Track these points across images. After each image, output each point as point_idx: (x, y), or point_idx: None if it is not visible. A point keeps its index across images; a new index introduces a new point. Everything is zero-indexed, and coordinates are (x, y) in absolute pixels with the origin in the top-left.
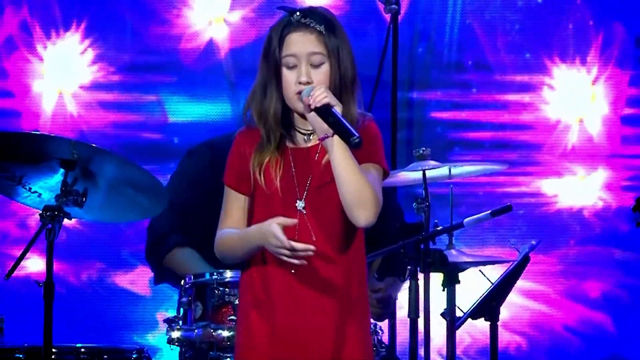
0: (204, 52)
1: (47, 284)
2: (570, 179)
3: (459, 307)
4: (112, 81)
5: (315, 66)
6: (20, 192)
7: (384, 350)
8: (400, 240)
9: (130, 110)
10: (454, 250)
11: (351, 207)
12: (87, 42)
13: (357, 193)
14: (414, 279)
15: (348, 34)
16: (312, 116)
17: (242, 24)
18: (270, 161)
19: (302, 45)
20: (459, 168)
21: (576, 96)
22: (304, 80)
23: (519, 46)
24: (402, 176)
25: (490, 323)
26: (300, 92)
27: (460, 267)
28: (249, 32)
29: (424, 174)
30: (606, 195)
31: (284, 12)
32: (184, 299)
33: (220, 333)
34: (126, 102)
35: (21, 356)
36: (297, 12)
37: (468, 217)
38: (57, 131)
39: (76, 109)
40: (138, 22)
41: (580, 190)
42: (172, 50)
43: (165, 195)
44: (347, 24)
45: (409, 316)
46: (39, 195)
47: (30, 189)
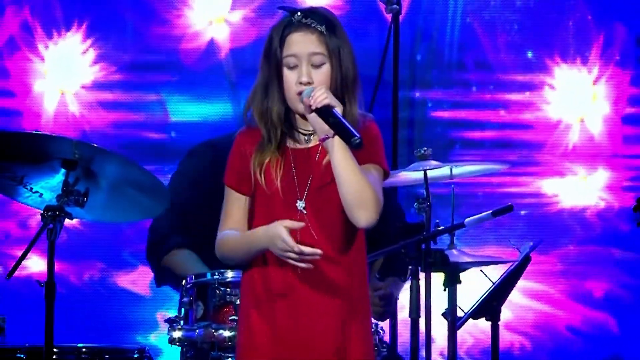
0: (204, 52)
1: (48, 284)
2: (571, 179)
3: (460, 307)
4: (114, 81)
5: (316, 66)
6: (21, 192)
7: (385, 350)
8: (402, 240)
9: (132, 110)
10: (455, 250)
11: (352, 207)
12: (88, 42)
13: (357, 194)
14: (415, 279)
15: (349, 34)
16: (313, 117)
17: (243, 24)
18: (270, 161)
19: (303, 46)
20: (460, 168)
21: (577, 96)
22: (305, 80)
23: (520, 46)
24: (404, 176)
25: (492, 323)
26: (301, 92)
27: (462, 267)
28: (249, 32)
29: (425, 174)
30: (607, 195)
31: (284, 12)
32: (185, 299)
33: (222, 333)
34: (127, 101)
35: (22, 356)
36: (298, 12)
37: (469, 217)
38: (59, 131)
39: (78, 109)
40: (139, 22)
41: (582, 190)
42: (173, 50)
43: (167, 196)
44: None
45: (410, 316)
46: (40, 195)
47: (31, 189)
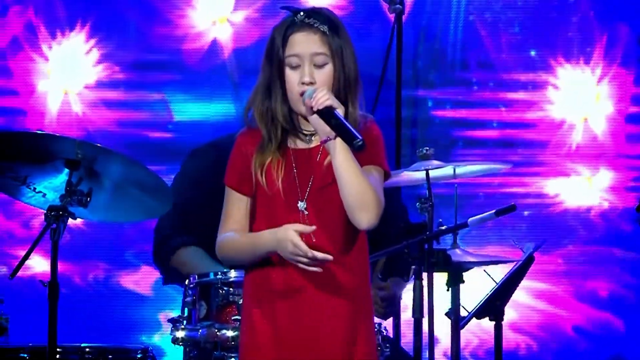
0: (207, 53)
1: (51, 284)
2: (575, 179)
3: (463, 307)
4: (117, 81)
5: (319, 66)
6: (24, 192)
7: (388, 350)
8: (404, 240)
9: (135, 110)
10: (458, 250)
11: (353, 209)
12: (92, 42)
13: (359, 196)
14: (418, 279)
15: (352, 34)
16: (315, 118)
17: (246, 24)
18: (272, 162)
19: (305, 46)
20: (462, 168)
21: (581, 96)
22: (307, 80)
23: (523, 46)
24: (406, 176)
25: (495, 323)
26: (303, 92)
27: (465, 266)
28: (252, 32)
29: (427, 174)
30: (611, 196)
31: (287, 12)
32: (188, 299)
33: (225, 333)
34: (131, 101)
35: (26, 356)
36: (301, 12)
37: (472, 217)
38: (63, 131)
39: (81, 109)
40: (142, 22)
41: (585, 191)
42: (176, 51)
43: (171, 196)
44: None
45: (413, 316)
46: (44, 195)
47: (34, 189)
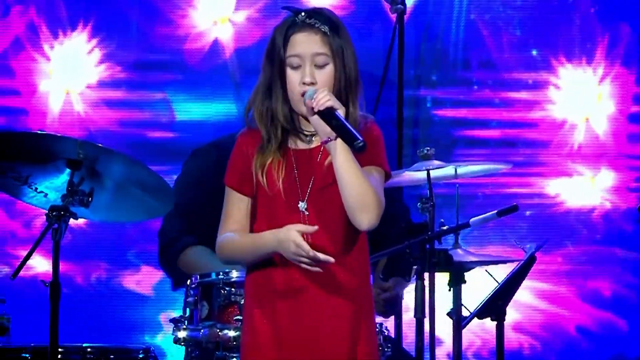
0: (209, 53)
1: (53, 284)
2: (577, 179)
3: (465, 307)
4: (119, 81)
5: (320, 67)
6: (26, 192)
7: (389, 350)
8: (406, 240)
9: (137, 109)
10: (459, 250)
11: (354, 210)
12: (94, 41)
13: (359, 196)
14: (420, 279)
15: (354, 34)
16: (315, 119)
17: (247, 24)
18: (272, 162)
19: (306, 46)
20: (463, 168)
21: (582, 96)
22: (308, 80)
23: (525, 46)
24: (407, 176)
25: (497, 323)
26: (305, 92)
27: (466, 266)
28: (254, 32)
29: (428, 174)
30: (613, 195)
31: (288, 12)
32: (190, 299)
33: (227, 333)
34: (133, 101)
35: (27, 356)
36: (302, 13)
37: (474, 217)
38: (65, 130)
39: (83, 108)
40: (144, 22)
41: (587, 191)
42: (177, 51)
43: (172, 196)
44: (353, 24)
45: (415, 316)
46: (45, 195)
47: (36, 189)
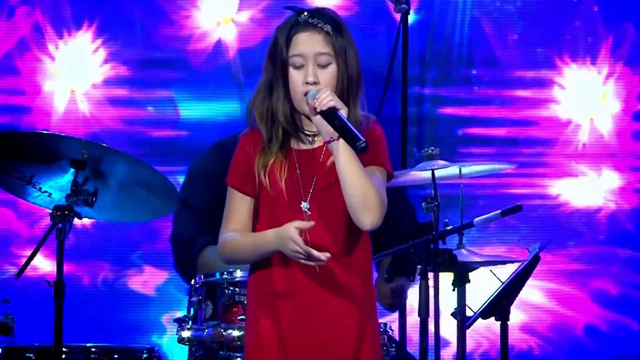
0: (212, 53)
1: (57, 284)
2: (582, 179)
3: (469, 307)
4: (123, 80)
5: (323, 66)
6: (30, 192)
7: (394, 349)
8: (410, 240)
9: (142, 109)
10: (464, 250)
11: (356, 210)
12: (98, 41)
13: (362, 196)
14: (424, 279)
15: (357, 34)
16: (318, 119)
17: (250, 25)
18: (275, 163)
19: (309, 45)
20: (468, 167)
21: (587, 96)
22: (311, 80)
23: (530, 45)
24: (412, 176)
25: (501, 323)
26: (307, 92)
27: (470, 266)
28: (257, 32)
29: (433, 174)
30: (618, 195)
31: (291, 12)
32: (194, 299)
33: (231, 332)
34: (137, 100)
35: (32, 356)
36: (305, 12)
37: (478, 217)
38: (70, 129)
39: (88, 108)
40: (148, 22)
41: (592, 191)
42: (181, 51)
43: (176, 196)
44: (357, 24)
45: (419, 316)
46: (49, 195)
47: (40, 188)
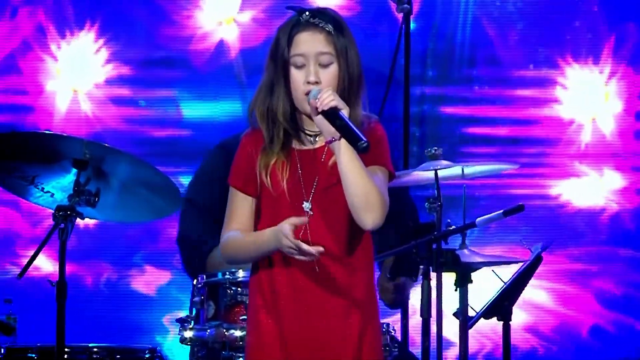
0: (214, 53)
1: (59, 284)
2: (584, 179)
3: (471, 307)
4: (125, 80)
5: (324, 66)
6: (32, 192)
7: (396, 350)
8: (413, 240)
9: (144, 109)
10: (466, 250)
11: (358, 210)
12: (100, 41)
13: (364, 196)
14: (427, 279)
15: (360, 34)
16: (319, 119)
17: (252, 25)
18: (276, 163)
19: (311, 45)
20: (471, 168)
21: (589, 96)
22: (313, 80)
23: (532, 45)
24: (415, 175)
25: (503, 323)
26: (309, 92)
27: (473, 266)
28: (259, 32)
29: (435, 174)
30: (620, 195)
31: (293, 12)
32: (197, 299)
33: (233, 333)
34: (139, 100)
35: (34, 356)
36: (306, 12)
37: (480, 217)
38: (72, 130)
39: (90, 108)
40: (150, 22)
41: (594, 191)
42: (183, 51)
43: (179, 196)
44: (359, 24)
45: (421, 316)
46: (52, 195)
47: (42, 188)
